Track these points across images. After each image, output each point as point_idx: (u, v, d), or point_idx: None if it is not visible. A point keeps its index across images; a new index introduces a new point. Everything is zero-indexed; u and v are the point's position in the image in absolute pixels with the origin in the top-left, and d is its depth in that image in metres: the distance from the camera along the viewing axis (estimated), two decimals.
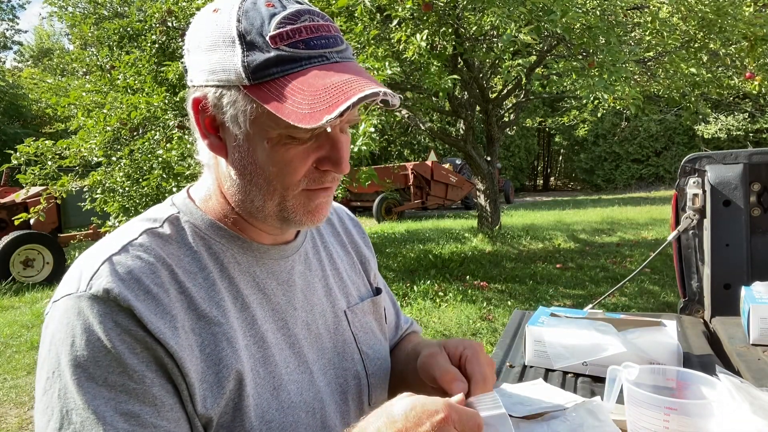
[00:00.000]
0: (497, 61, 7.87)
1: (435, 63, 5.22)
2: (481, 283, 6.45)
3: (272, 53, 0.66)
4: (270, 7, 0.68)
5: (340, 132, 0.73)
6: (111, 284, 0.65)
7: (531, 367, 1.33)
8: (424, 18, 5.45)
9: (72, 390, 0.63)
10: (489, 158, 8.88)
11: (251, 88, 0.66)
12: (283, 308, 0.80)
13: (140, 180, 5.15)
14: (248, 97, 0.67)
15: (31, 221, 7.00)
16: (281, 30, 0.66)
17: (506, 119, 9.68)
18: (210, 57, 0.69)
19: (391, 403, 0.64)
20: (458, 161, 16.36)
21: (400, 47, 5.35)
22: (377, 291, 0.98)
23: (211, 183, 0.79)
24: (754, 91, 7.00)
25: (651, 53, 7.09)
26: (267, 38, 0.66)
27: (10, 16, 26.98)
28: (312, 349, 0.81)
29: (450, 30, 5.72)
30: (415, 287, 6.27)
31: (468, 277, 6.77)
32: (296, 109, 0.64)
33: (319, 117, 0.63)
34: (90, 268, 0.68)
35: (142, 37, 6.82)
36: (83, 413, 0.62)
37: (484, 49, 6.63)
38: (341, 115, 0.62)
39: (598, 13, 5.96)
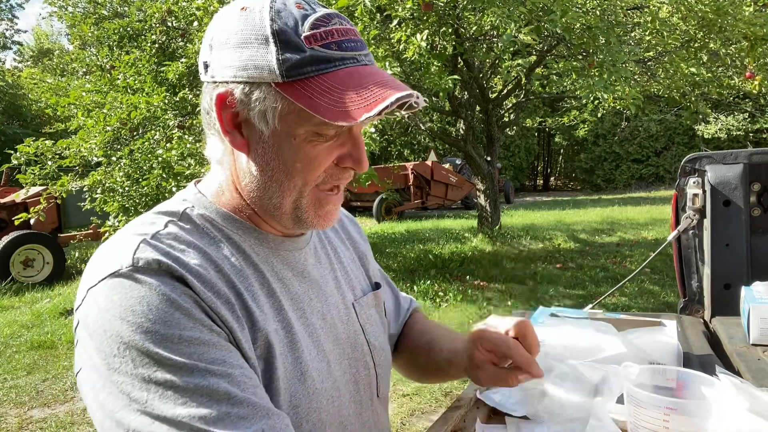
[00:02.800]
0: (497, 61, 7.87)
1: (435, 63, 5.22)
2: (481, 283, 6.45)
3: (307, 53, 0.68)
4: (300, 9, 0.70)
5: (360, 132, 0.76)
6: (159, 256, 0.66)
7: None
8: (424, 18, 5.44)
9: (150, 354, 0.61)
10: (489, 158, 8.88)
11: (283, 85, 0.68)
12: (301, 298, 0.81)
13: (140, 180, 5.15)
14: (279, 95, 0.69)
15: (31, 221, 7.01)
16: (315, 31, 0.68)
17: (506, 119, 9.68)
18: (240, 54, 0.69)
19: None
20: (458, 161, 16.34)
21: (400, 47, 5.34)
22: (377, 285, 1.00)
23: (223, 179, 0.79)
24: (754, 91, 7.00)
25: (651, 53, 7.10)
26: (302, 38, 0.68)
27: (9, 16, 26.97)
28: (328, 339, 0.83)
29: (450, 30, 5.72)
30: (415, 287, 6.27)
31: (468, 277, 6.77)
32: (331, 107, 0.66)
33: (357, 115, 0.65)
34: (127, 249, 0.67)
35: (142, 37, 6.83)
36: (171, 369, 0.60)
37: (484, 49, 6.63)
38: (380, 113, 0.65)
39: (598, 13, 5.96)
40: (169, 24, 6.31)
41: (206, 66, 0.74)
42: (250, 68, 0.69)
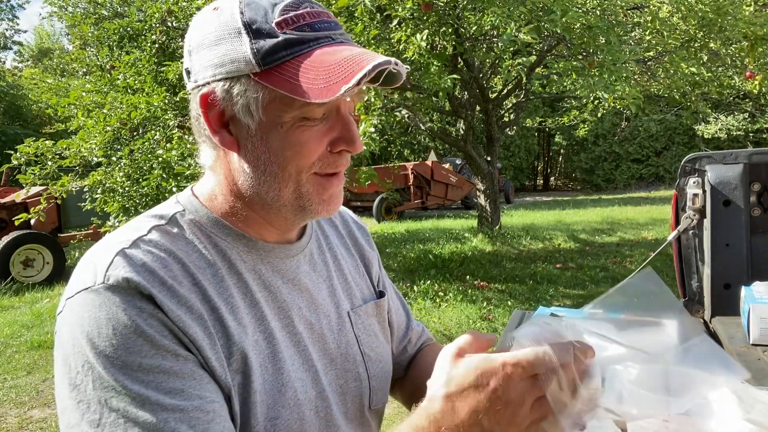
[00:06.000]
0: (497, 61, 7.86)
1: (435, 63, 5.21)
2: (481, 283, 6.45)
3: (280, 38, 0.68)
4: None
5: (349, 113, 0.75)
6: (130, 273, 0.66)
7: None
8: (424, 18, 5.44)
9: (108, 379, 0.62)
10: (489, 158, 8.88)
11: (261, 74, 0.68)
12: (288, 306, 0.80)
13: (140, 180, 5.15)
14: (259, 84, 0.69)
15: (31, 221, 7.01)
16: (286, 16, 0.69)
17: (506, 119, 9.67)
18: (216, 51, 0.70)
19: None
20: (458, 161, 16.34)
21: (400, 47, 5.34)
22: (380, 294, 0.98)
23: (215, 182, 0.79)
24: (755, 91, 7.00)
25: (651, 53, 7.10)
26: (273, 24, 0.68)
27: (10, 16, 26.96)
28: (315, 349, 0.82)
29: (450, 30, 5.71)
30: (415, 287, 6.27)
31: (468, 277, 6.77)
32: (312, 86, 0.66)
33: (336, 89, 0.65)
34: (104, 262, 0.68)
35: (142, 37, 6.82)
36: (126, 398, 0.62)
37: (484, 49, 6.62)
38: (358, 83, 0.64)
39: (598, 12, 5.96)
40: (169, 24, 6.32)
41: (188, 73, 0.74)
42: (227, 63, 0.69)
